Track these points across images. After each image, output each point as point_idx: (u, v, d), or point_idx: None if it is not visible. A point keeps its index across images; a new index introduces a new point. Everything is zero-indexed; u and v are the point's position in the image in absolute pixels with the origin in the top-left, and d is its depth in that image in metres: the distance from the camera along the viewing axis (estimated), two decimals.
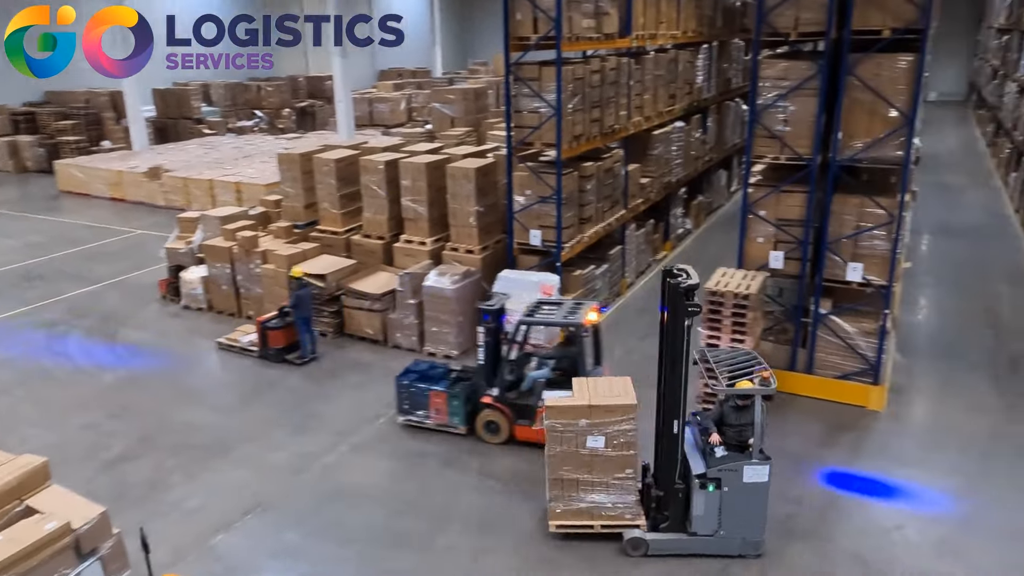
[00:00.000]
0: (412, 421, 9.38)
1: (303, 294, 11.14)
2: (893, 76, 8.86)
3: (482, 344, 8.94)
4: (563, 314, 8.81)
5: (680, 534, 7.12)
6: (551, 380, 8.84)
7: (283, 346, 11.26)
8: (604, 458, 7.10)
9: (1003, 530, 7.50)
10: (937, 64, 37.47)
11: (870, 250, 9.40)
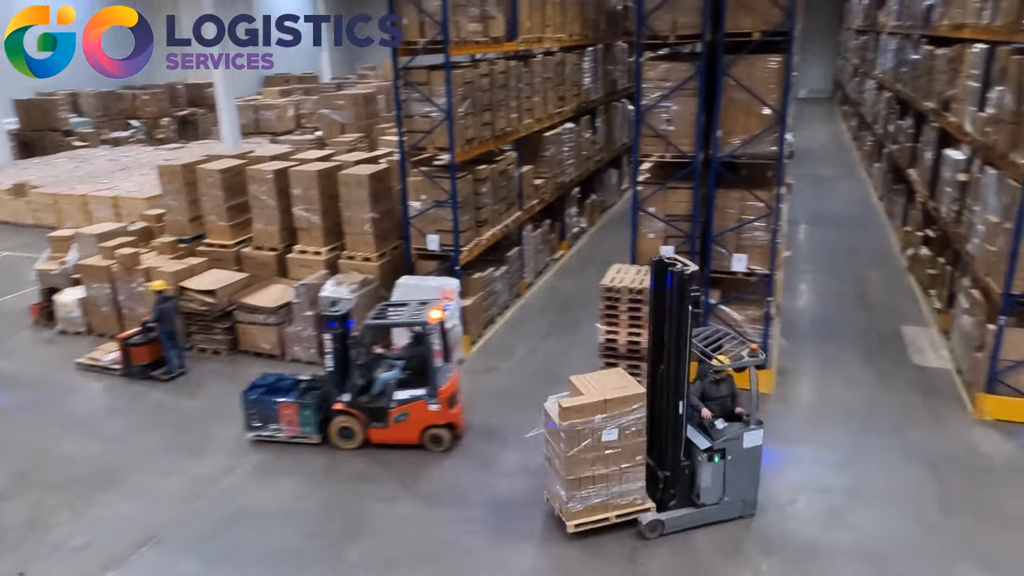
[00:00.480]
0: (263, 436, 9.16)
1: (166, 307, 10.72)
2: (765, 76, 9.36)
3: (329, 351, 8.91)
4: (409, 314, 8.98)
5: (689, 508, 7.49)
6: (401, 380, 9.01)
7: (148, 362, 10.86)
8: (617, 449, 7.23)
9: (884, 496, 8.06)
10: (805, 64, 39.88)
11: (752, 241, 9.90)
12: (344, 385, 8.98)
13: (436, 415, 8.91)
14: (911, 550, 7.23)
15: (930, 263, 13.57)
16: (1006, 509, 7.75)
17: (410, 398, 8.88)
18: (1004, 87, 9.77)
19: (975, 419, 9.42)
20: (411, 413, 8.89)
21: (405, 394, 8.87)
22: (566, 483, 7.22)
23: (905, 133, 17.51)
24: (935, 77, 14.54)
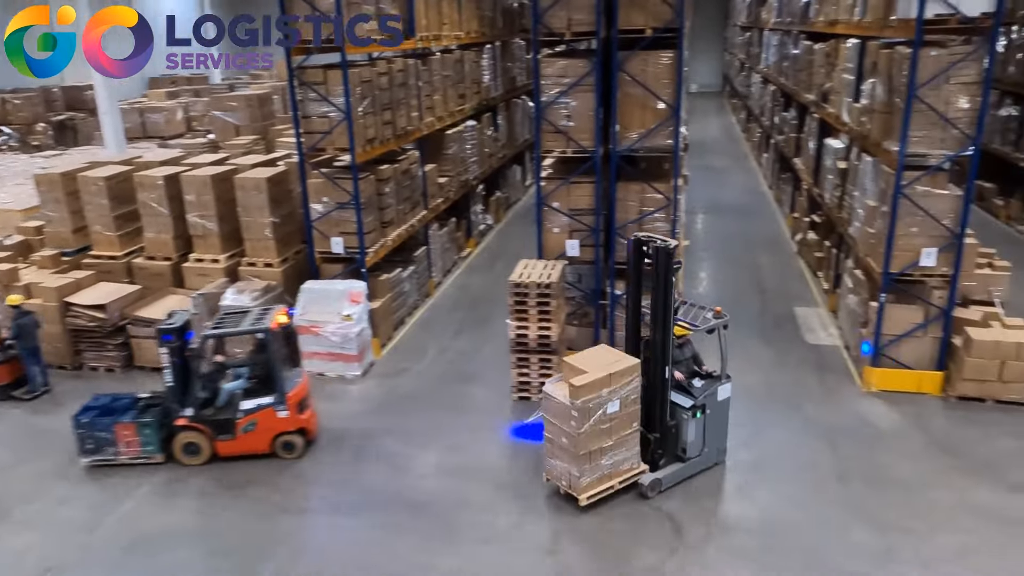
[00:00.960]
0: (101, 461, 8.70)
1: (25, 323, 10.12)
2: (658, 71, 9.65)
3: (167, 365, 8.57)
4: (250, 321, 8.74)
5: (677, 463, 8.13)
6: (248, 389, 8.80)
7: (8, 382, 10.29)
8: (619, 420, 7.64)
9: (786, 469, 8.49)
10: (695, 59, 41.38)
11: (653, 232, 10.16)
12: (186, 399, 8.61)
13: (286, 422, 8.70)
14: (813, 518, 7.64)
15: (817, 247, 14.37)
16: (894, 472, 8.30)
17: (257, 407, 8.63)
18: (875, 79, 10.45)
19: (863, 391, 10.03)
20: (260, 422, 8.64)
21: (252, 403, 8.63)
22: (578, 458, 7.49)
23: (790, 124, 18.45)
24: (814, 71, 15.39)
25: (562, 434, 7.58)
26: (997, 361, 9.36)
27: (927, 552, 7.08)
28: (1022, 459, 8.46)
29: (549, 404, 7.71)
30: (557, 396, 7.56)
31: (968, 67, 8.90)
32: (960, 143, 9.15)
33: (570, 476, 7.66)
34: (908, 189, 9.29)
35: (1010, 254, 13.12)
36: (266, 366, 8.74)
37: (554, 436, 7.75)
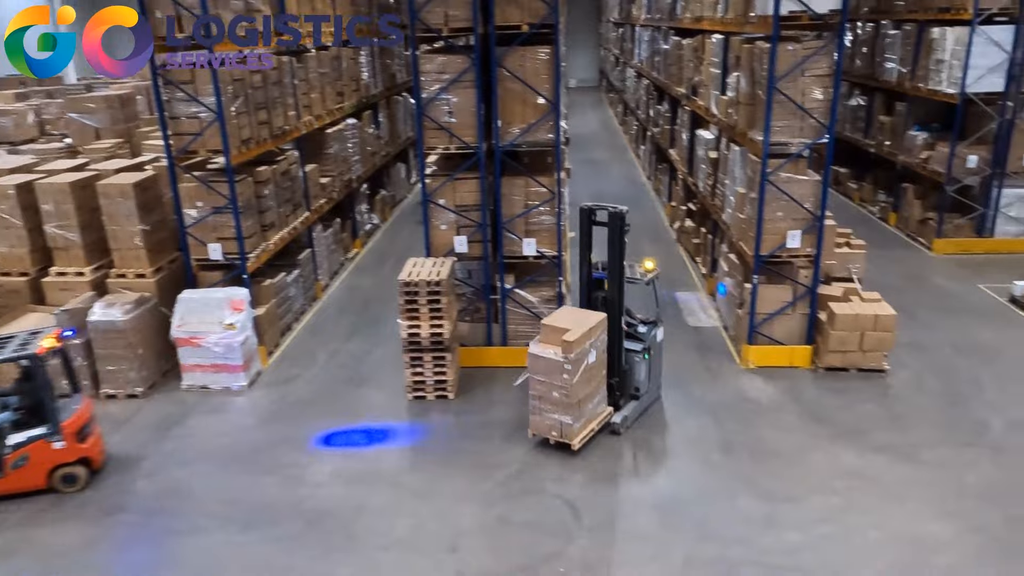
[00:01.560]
0: None
1: None
2: (536, 67, 9.79)
3: None
4: (13, 348, 8.01)
5: (633, 402, 9.26)
6: (16, 422, 8.09)
7: None
8: (595, 368, 8.58)
9: (675, 446, 8.85)
10: (572, 55, 42.35)
11: (539, 225, 10.36)
12: None
13: (64, 453, 8.06)
14: (701, 491, 8.01)
15: (694, 233, 15.04)
16: (773, 443, 8.83)
17: (28, 440, 7.97)
18: (739, 73, 11.03)
19: (742, 368, 10.60)
20: (32, 456, 7.97)
21: (22, 436, 7.96)
22: (571, 408, 8.34)
23: (664, 117, 19.19)
24: (684, 65, 16.08)
25: (553, 388, 8.37)
26: (857, 333, 10.12)
27: (805, 515, 7.57)
28: (882, 422, 9.20)
29: (538, 364, 8.37)
30: (547, 355, 8.27)
31: (820, 61, 9.55)
32: (817, 132, 9.81)
33: (562, 426, 8.52)
34: (773, 176, 9.87)
35: (864, 233, 14.22)
36: (35, 395, 8.02)
37: (543, 392, 8.48)
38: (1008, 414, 9.23)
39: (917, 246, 15.67)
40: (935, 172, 15.16)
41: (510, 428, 9.27)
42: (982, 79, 13.99)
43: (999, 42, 13.80)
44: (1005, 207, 14.85)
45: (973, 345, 11.08)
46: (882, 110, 17.79)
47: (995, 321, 11.90)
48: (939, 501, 7.72)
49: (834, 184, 19.60)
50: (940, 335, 11.40)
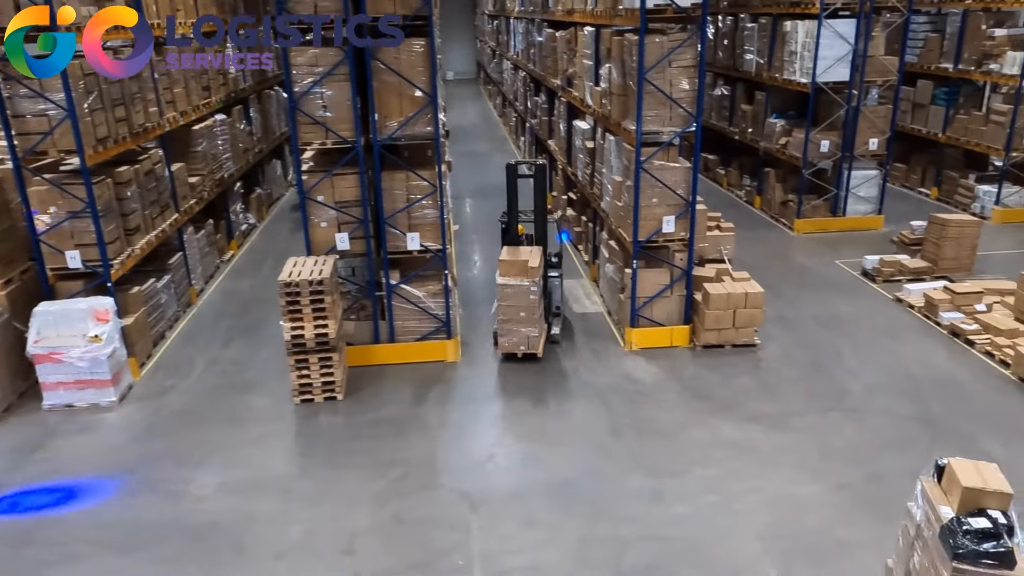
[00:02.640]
0: None
1: None
2: (411, 59, 9.68)
3: None
4: None
5: (556, 319, 11.52)
6: None
7: None
8: (539, 291, 10.48)
9: (567, 432, 9.03)
10: (449, 47, 42.18)
11: (422, 219, 10.28)
12: None
13: None
14: (593, 473, 8.22)
15: (576, 222, 15.38)
16: (657, 422, 9.19)
17: None
18: (611, 64, 11.34)
19: (626, 351, 10.97)
20: None
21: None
22: (535, 321, 10.41)
23: (541, 108, 19.48)
24: (558, 57, 16.36)
25: (521, 309, 10.31)
26: (730, 311, 10.69)
27: (690, 487, 7.94)
28: (755, 394, 9.77)
29: (507, 292, 10.29)
30: (515, 283, 10.31)
31: (685, 52, 9.97)
32: (685, 120, 10.24)
33: (528, 339, 10.46)
34: (647, 164, 10.23)
35: (733, 216, 15.01)
36: None
37: (512, 315, 10.35)
38: (865, 379, 10.02)
39: (780, 227, 16.71)
40: (793, 157, 16.20)
41: (403, 425, 9.18)
42: (830, 69, 15.04)
43: (843, 35, 14.88)
44: (855, 188, 16.09)
45: (833, 317, 11.95)
46: (744, 99, 18.81)
47: (851, 294, 12.88)
48: (808, 464, 8.29)
49: (703, 170, 20.59)
50: (804, 309, 12.22)
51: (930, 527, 5.33)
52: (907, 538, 5.69)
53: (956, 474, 5.25)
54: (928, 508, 5.41)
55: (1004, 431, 8.73)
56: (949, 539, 5.02)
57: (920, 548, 5.46)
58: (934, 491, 5.45)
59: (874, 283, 13.22)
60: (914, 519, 5.56)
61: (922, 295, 11.98)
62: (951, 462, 5.40)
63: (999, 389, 9.75)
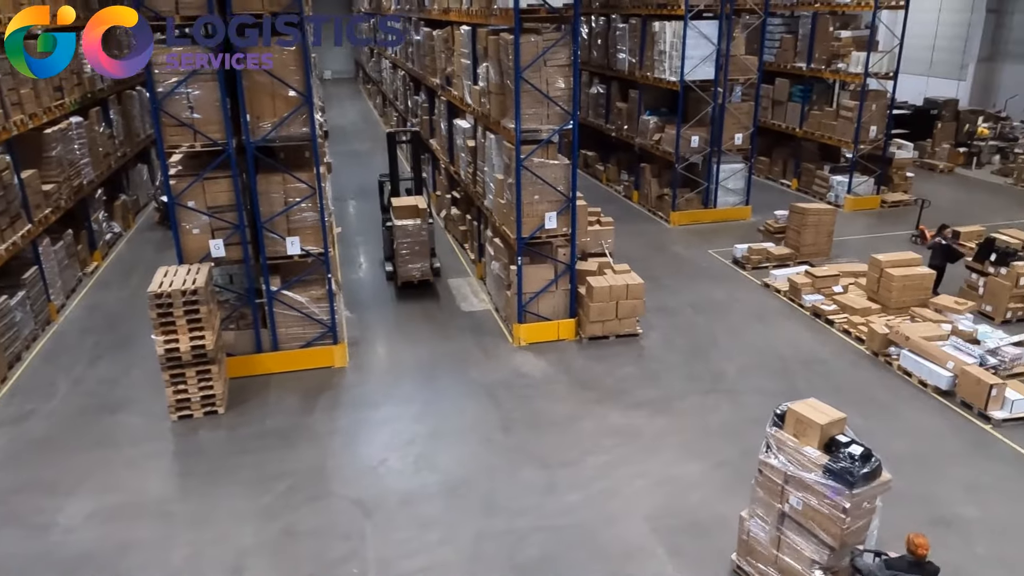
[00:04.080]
0: None
1: None
2: (284, 59, 9.37)
3: None
4: None
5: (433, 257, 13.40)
6: None
7: None
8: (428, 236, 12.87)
9: (459, 431, 9.05)
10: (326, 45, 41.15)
11: (302, 223, 9.99)
12: None
13: None
14: (487, 470, 8.28)
15: (460, 220, 15.40)
16: (548, 414, 9.36)
17: None
18: (488, 63, 11.42)
19: (515, 347, 11.10)
20: None
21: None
22: (427, 256, 13.01)
23: (422, 107, 19.36)
24: (436, 56, 16.31)
25: (416, 244, 12.78)
26: (613, 303, 11.03)
27: (581, 476, 8.14)
28: (639, 381, 10.13)
29: (406, 231, 12.52)
30: (410, 223, 12.59)
31: (560, 52, 10.18)
32: (563, 118, 10.47)
33: (421, 271, 12.96)
34: (527, 161, 10.38)
35: (613, 211, 15.50)
36: None
37: (411, 248, 12.73)
38: (738, 361, 10.60)
39: (657, 219, 17.39)
40: (666, 152, 16.88)
41: (290, 435, 8.91)
42: (697, 68, 15.78)
43: (707, 35, 15.65)
44: (724, 181, 16.96)
45: (708, 303, 12.56)
46: (619, 97, 19.42)
47: (724, 281, 13.58)
48: (690, 444, 8.68)
49: (583, 167, 21.12)
50: (682, 297, 12.78)
51: (805, 468, 5.81)
52: (770, 487, 6.16)
53: (802, 416, 5.90)
54: (792, 454, 5.92)
55: (862, 403, 9.46)
56: (843, 474, 5.60)
57: (796, 490, 5.94)
58: (784, 437, 6.00)
59: (744, 270, 14.00)
60: (776, 468, 6.05)
61: (786, 280, 12.79)
62: (790, 408, 6.02)
63: (856, 364, 10.56)
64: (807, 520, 5.92)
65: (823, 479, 5.70)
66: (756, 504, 6.37)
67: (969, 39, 26.99)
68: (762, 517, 6.32)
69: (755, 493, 6.34)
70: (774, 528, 6.22)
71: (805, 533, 5.98)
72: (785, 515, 6.11)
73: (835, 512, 5.68)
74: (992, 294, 11.81)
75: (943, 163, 21.80)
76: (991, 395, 8.99)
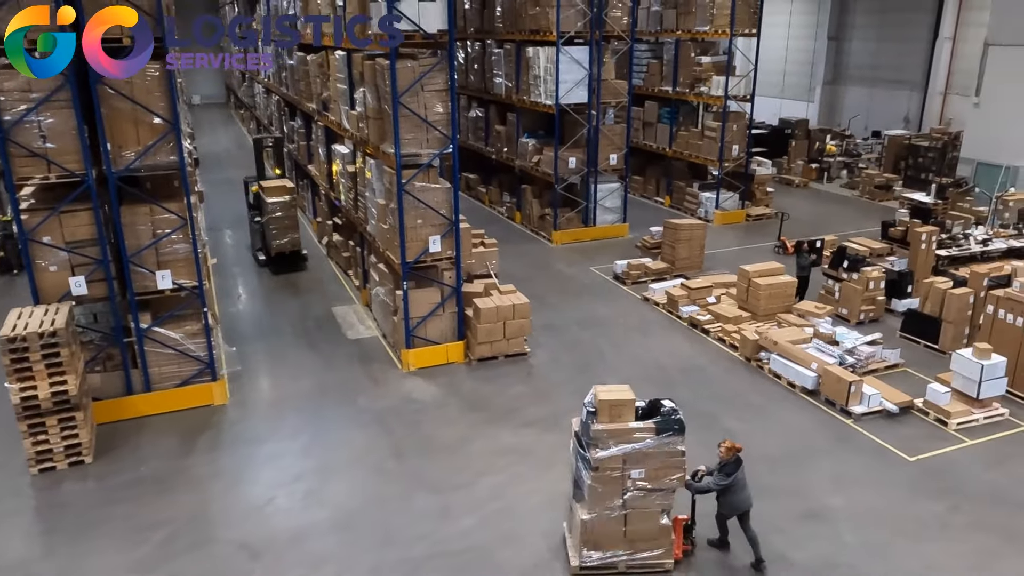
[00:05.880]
0: None
1: None
2: (147, 84, 8.95)
3: None
4: None
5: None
6: None
7: None
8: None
9: (348, 463, 8.83)
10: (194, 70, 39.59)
11: (173, 255, 9.51)
12: None
13: None
14: (379, 500, 8.11)
15: (343, 247, 15.14)
16: (439, 438, 9.30)
17: None
18: (365, 88, 11.35)
19: (404, 372, 10.98)
20: None
21: None
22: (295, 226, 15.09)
23: (299, 133, 18.94)
24: (312, 81, 16.04)
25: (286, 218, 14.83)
26: (500, 323, 11.14)
27: (476, 498, 8.12)
28: (530, 399, 10.26)
29: (276, 206, 14.66)
30: (279, 199, 14.72)
31: (437, 76, 10.27)
32: (442, 142, 10.53)
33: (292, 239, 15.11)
34: (408, 186, 10.36)
35: (496, 232, 15.70)
36: None
37: (280, 224, 14.77)
38: (623, 373, 10.92)
39: (540, 239, 17.75)
40: (546, 173, 17.30)
41: (167, 481, 8.41)
42: (571, 92, 16.31)
43: (579, 60, 16.22)
44: (602, 199, 17.55)
45: (592, 319, 12.91)
46: (497, 120, 19.75)
47: (606, 297, 14.01)
48: None
49: (465, 189, 21.29)
50: (567, 315, 13.07)
51: (639, 440, 6.60)
52: (610, 478, 6.67)
53: (612, 402, 6.58)
54: (623, 435, 6.59)
55: (738, 407, 9.98)
56: (674, 425, 6.60)
57: (636, 464, 6.63)
58: (607, 427, 6.59)
59: (624, 285, 14.50)
60: (614, 456, 6.61)
61: (664, 293, 13.36)
62: (600, 400, 6.62)
63: (730, 370, 11.15)
64: (652, 482, 6.69)
65: (660, 438, 6.56)
66: (595, 502, 6.74)
67: (815, 64, 29.38)
68: (606, 508, 6.75)
69: (594, 493, 6.70)
70: (619, 510, 6.75)
71: (649, 494, 6.73)
72: (626, 491, 6.69)
73: (676, 459, 6.65)
74: (846, 298, 12.79)
75: (799, 178, 23.50)
76: (851, 392, 9.71)
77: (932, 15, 24.81)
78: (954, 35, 24.04)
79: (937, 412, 9.59)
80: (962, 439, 9.21)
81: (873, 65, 27.40)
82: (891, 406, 9.73)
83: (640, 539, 6.87)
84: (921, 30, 25.24)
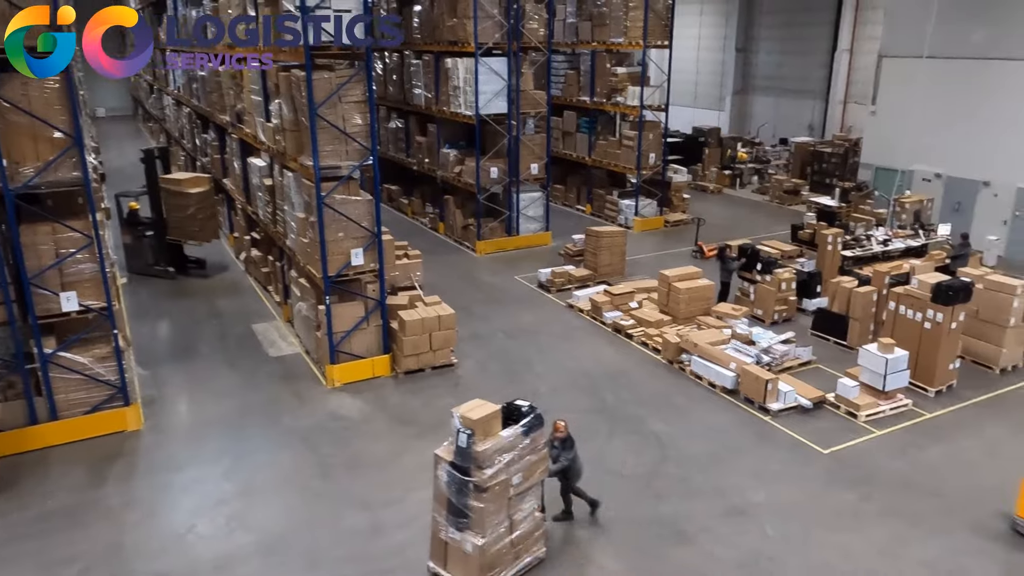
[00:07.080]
0: None
1: None
2: (46, 97, 8.53)
3: None
4: None
5: None
6: None
7: None
8: None
9: (273, 484, 8.58)
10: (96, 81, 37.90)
11: (79, 275, 9.05)
12: None
13: None
14: (306, 521, 7.90)
15: (262, 262, 14.75)
16: (367, 454, 9.16)
17: None
18: (280, 100, 11.12)
19: (329, 389, 10.76)
20: None
21: None
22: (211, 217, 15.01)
23: (212, 146, 18.39)
24: (224, 92, 15.61)
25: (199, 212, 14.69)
26: (426, 335, 11.06)
27: (406, 513, 8.02)
28: None
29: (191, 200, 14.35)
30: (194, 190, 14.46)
31: (354, 88, 10.15)
32: (362, 154, 10.41)
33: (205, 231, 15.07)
34: (328, 199, 10.19)
35: (420, 243, 15.62)
36: None
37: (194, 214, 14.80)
38: (550, 381, 11.03)
39: (464, 249, 17.74)
40: (468, 184, 17.32)
41: (77, 514, 7.98)
42: (490, 102, 16.41)
43: (498, 71, 16.34)
44: (524, 209, 17.70)
45: (519, 328, 12.98)
46: (418, 131, 19.68)
47: (531, 305, 14.12)
48: None
49: (387, 201, 21.10)
50: (493, 324, 13.10)
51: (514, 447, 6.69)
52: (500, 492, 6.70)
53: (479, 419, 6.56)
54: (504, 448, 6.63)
55: (663, 409, 10.21)
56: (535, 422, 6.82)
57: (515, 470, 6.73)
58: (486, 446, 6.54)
59: (549, 293, 14.65)
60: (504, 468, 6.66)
61: (588, 300, 13.55)
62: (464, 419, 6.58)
63: (654, 373, 11.40)
64: (527, 481, 6.88)
65: (529, 437, 6.76)
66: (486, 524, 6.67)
67: (724, 75, 30.49)
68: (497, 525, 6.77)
69: (485, 515, 6.62)
70: (506, 521, 6.82)
71: (526, 494, 6.92)
72: (510, 500, 6.81)
73: (541, 452, 6.99)
74: (761, 299, 13.29)
75: (713, 184, 24.31)
76: (768, 389, 10.08)
77: (831, 28, 26.14)
78: (851, 47, 25.39)
79: (847, 405, 10.06)
80: (871, 430, 9.69)
81: (778, 76, 28.65)
82: (805, 401, 10.15)
83: (523, 542, 7.01)
84: (821, 43, 26.56)
